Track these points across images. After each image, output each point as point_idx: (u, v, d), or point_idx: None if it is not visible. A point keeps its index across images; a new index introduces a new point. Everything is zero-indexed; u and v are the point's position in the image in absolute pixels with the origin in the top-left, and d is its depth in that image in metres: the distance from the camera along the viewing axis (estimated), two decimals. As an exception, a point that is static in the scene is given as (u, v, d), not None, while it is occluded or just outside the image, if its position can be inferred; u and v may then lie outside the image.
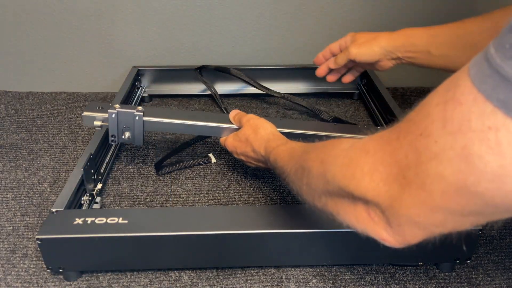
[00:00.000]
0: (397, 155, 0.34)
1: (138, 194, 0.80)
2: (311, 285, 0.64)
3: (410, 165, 0.33)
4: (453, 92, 0.30)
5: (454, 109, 0.30)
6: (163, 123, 0.73)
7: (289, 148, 0.58)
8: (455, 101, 0.30)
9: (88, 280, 0.64)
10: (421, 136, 0.32)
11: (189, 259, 0.63)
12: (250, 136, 0.68)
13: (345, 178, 0.39)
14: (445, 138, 0.30)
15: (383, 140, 0.37)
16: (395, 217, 0.35)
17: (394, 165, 0.35)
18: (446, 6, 1.11)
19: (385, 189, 0.35)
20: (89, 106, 0.74)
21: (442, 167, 0.30)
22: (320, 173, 0.43)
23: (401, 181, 0.34)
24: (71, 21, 1.09)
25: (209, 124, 0.75)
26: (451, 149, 0.30)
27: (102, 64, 1.15)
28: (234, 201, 0.79)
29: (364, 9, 1.11)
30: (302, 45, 1.16)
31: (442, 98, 0.31)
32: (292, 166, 0.52)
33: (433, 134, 0.31)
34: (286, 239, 0.61)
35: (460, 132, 0.29)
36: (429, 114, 0.32)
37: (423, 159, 0.32)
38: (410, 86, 1.23)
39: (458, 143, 0.29)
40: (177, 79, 1.13)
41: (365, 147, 0.38)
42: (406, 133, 0.34)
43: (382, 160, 0.36)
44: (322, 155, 0.44)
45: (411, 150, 0.33)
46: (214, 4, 1.08)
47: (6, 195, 0.80)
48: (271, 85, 1.13)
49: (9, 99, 1.13)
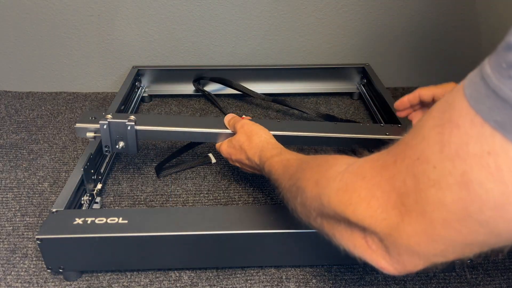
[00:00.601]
0: (395, 181, 0.33)
1: (138, 194, 0.80)
2: (311, 285, 0.64)
3: (409, 191, 0.32)
4: (449, 114, 0.29)
5: (451, 132, 0.29)
6: (156, 132, 0.71)
7: (283, 160, 0.55)
8: (451, 124, 0.29)
9: (88, 280, 0.64)
10: (418, 161, 0.31)
11: (189, 259, 0.63)
12: (244, 144, 0.65)
13: (341, 203, 0.37)
14: (443, 164, 0.29)
15: (379, 164, 0.36)
16: (394, 246, 0.34)
17: (392, 192, 0.33)
18: (446, 5, 1.11)
19: (383, 216, 0.34)
20: (82, 116, 0.72)
21: (442, 194, 0.29)
22: (314, 195, 0.42)
23: (400, 208, 0.32)
24: (71, 21, 1.09)
25: (204, 130, 0.72)
26: (450, 175, 0.28)
27: (102, 64, 1.15)
28: (234, 201, 0.79)
29: (364, 9, 1.11)
30: (302, 45, 1.16)
31: (438, 120, 0.30)
32: (286, 182, 0.50)
33: (430, 159, 0.30)
34: (286, 239, 0.61)
35: (459, 157, 0.28)
36: (425, 137, 0.31)
37: (422, 185, 0.30)
38: (410, 86, 1.23)
39: (457, 169, 0.28)
40: (177, 79, 1.13)
41: (361, 171, 0.37)
42: (403, 157, 0.33)
43: (379, 186, 0.34)
44: (317, 176, 0.43)
45: (409, 176, 0.32)
46: (214, 4, 1.08)
47: (6, 195, 0.80)
48: (271, 85, 1.14)
49: (9, 99, 1.13)
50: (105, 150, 0.71)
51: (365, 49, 1.17)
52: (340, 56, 1.18)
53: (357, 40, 1.16)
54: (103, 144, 0.71)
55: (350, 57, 1.18)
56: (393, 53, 1.18)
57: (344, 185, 0.38)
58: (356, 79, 1.16)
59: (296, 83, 1.15)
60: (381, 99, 1.01)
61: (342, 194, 0.37)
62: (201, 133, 0.72)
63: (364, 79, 1.14)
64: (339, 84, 1.16)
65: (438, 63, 1.21)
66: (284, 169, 0.53)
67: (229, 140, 0.70)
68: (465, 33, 1.16)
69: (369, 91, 1.10)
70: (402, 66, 1.21)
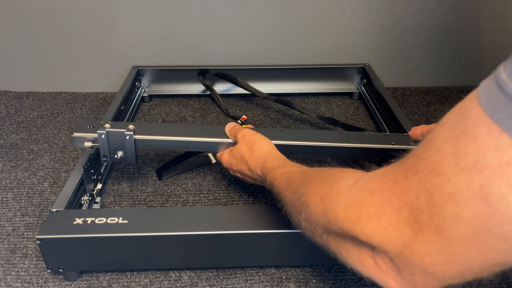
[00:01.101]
0: (406, 196, 0.31)
1: (138, 194, 0.80)
2: (311, 285, 0.64)
3: (422, 207, 0.30)
4: (463, 124, 0.28)
5: (466, 143, 0.27)
6: (156, 141, 0.70)
7: (286, 173, 0.53)
8: (467, 134, 0.27)
9: (88, 280, 0.64)
10: (431, 175, 0.29)
11: (189, 259, 0.63)
12: (246, 154, 0.64)
13: (348, 220, 0.35)
14: (459, 177, 0.27)
15: (389, 179, 0.34)
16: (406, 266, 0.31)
17: (403, 208, 0.31)
18: (446, 5, 1.11)
19: (394, 234, 0.32)
20: (79, 125, 0.71)
21: (459, 209, 0.27)
22: (320, 211, 0.40)
23: (413, 225, 0.30)
24: (71, 21, 1.09)
25: (204, 140, 0.71)
26: (468, 189, 0.27)
27: (102, 64, 1.15)
28: (234, 201, 0.79)
29: (364, 9, 1.11)
30: (302, 45, 1.16)
31: (452, 132, 0.29)
32: (290, 196, 0.48)
33: (445, 172, 0.28)
34: (286, 239, 0.61)
35: (476, 170, 0.26)
36: (438, 150, 0.29)
37: (437, 200, 0.29)
38: (410, 86, 1.23)
39: (475, 182, 0.26)
40: (177, 79, 1.13)
41: (370, 187, 0.35)
42: (414, 171, 0.31)
43: (390, 202, 0.32)
44: (323, 191, 0.41)
45: (422, 191, 0.30)
46: (214, 4, 1.08)
47: (6, 195, 0.80)
48: (271, 85, 1.14)
49: (9, 99, 1.13)
50: (103, 160, 0.70)
51: (365, 49, 1.17)
52: (340, 56, 1.18)
53: (357, 40, 1.16)
54: (101, 154, 0.70)
55: (350, 57, 1.18)
56: (393, 53, 1.18)
57: (352, 201, 0.36)
58: (356, 79, 1.16)
59: (296, 83, 1.15)
60: (381, 99, 1.01)
61: (350, 211, 0.36)
62: (201, 142, 0.71)
63: (364, 79, 1.14)
64: (339, 84, 1.16)
65: (438, 63, 1.21)
66: (287, 182, 0.51)
67: (230, 150, 0.68)
68: (465, 33, 1.16)
69: (369, 91, 1.10)
70: (402, 66, 1.21)
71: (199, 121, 1.03)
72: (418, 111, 1.10)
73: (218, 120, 1.04)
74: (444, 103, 1.14)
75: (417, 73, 1.22)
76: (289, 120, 1.04)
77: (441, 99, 1.16)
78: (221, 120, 1.04)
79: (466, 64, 1.21)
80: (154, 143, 0.70)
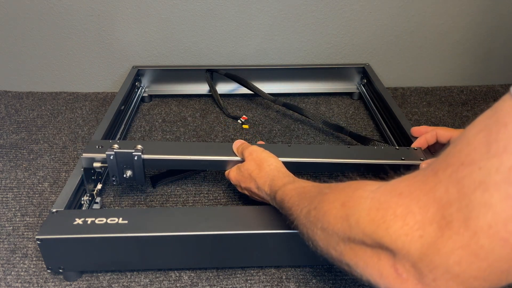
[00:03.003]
0: (435, 191, 0.31)
1: (138, 194, 0.80)
2: (311, 285, 0.64)
3: (451, 200, 0.29)
4: (495, 117, 0.28)
5: (498, 131, 0.27)
6: (164, 160, 0.71)
7: (298, 187, 0.52)
8: (498, 124, 0.27)
9: (88, 280, 0.64)
10: (462, 166, 0.29)
11: (189, 259, 0.63)
12: (254, 172, 0.63)
13: (372, 222, 0.34)
14: (490, 162, 0.27)
15: (418, 179, 0.33)
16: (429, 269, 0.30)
17: (431, 204, 0.31)
18: (446, 5, 1.11)
19: (419, 233, 0.31)
20: (89, 145, 0.72)
21: (488, 195, 0.27)
22: (340, 217, 0.38)
23: (440, 222, 0.30)
24: (71, 21, 1.09)
25: (212, 158, 0.70)
26: (497, 173, 0.26)
27: (102, 64, 1.16)
28: (234, 201, 0.79)
29: (364, 9, 1.11)
30: (302, 45, 1.16)
31: (483, 126, 0.29)
32: (304, 208, 0.46)
33: (476, 160, 0.28)
34: (286, 239, 0.61)
35: (507, 152, 0.26)
36: (470, 142, 0.29)
37: (467, 190, 0.28)
38: (410, 86, 1.23)
39: (505, 164, 0.26)
40: (177, 79, 1.13)
41: (397, 189, 0.34)
42: (445, 166, 0.31)
43: (418, 200, 0.32)
44: (344, 197, 0.39)
45: (452, 183, 0.29)
46: (214, 4, 1.08)
47: (6, 195, 0.80)
48: (271, 85, 1.14)
49: (9, 99, 1.13)
50: (112, 180, 0.71)
51: (365, 49, 1.17)
52: (340, 56, 1.18)
53: (357, 40, 1.16)
54: (111, 175, 0.71)
55: (350, 57, 1.18)
56: (393, 53, 1.18)
57: (377, 203, 0.35)
58: (356, 79, 1.16)
59: (296, 83, 1.15)
60: (381, 99, 1.01)
61: (374, 213, 0.35)
62: (209, 161, 0.71)
63: (364, 79, 1.14)
64: (339, 84, 1.16)
65: (438, 63, 1.21)
66: (301, 196, 0.49)
67: (238, 167, 0.68)
68: (465, 33, 1.16)
69: (369, 91, 1.10)
70: (402, 66, 1.21)
71: (199, 121, 1.03)
72: (418, 111, 1.10)
73: (218, 120, 1.04)
74: (444, 103, 1.14)
75: (417, 73, 1.22)
76: (289, 120, 1.04)
77: (441, 99, 1.16)
78: (221, 120, 1.04)
79: (466, 64, 1.21)
80: (162, 162, 0.71)
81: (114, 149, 0.69)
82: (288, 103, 1.01)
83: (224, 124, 1.02)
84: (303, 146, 0.78)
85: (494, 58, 1.21)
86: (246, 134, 0.99)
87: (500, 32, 1.16)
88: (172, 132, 0.99)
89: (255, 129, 1.01)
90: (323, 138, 0.98)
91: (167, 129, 1.00)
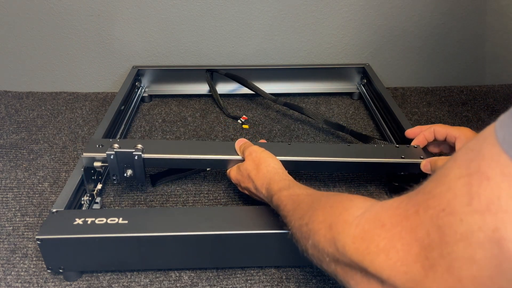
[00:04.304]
0: (417, 232, 0.31)
1: (138, 194, 0.80)
2: (311, 285, 0.64)
3: (433, 244, 0.29)
4: (477, 163, 0.27)
5: (480, 184, 0.27)
6: (164, 159, 0.71)
7: (293, 195, 0.53)
8: (481, 175, 0.27)
9: (88, 280, 0.64)
10: (443, 212, 0.29)
11: (189, 259, 0.63)
12: (252, 173, 0.63)
13: (357, 251, 0.35)
14: (472, 217, 0.27)
15: (399, 212, 0.34)
16: None
17: (414, 243, 0.31)
18: (446, 5, 1.11)
19: (404, 269, 0.31)
20: (89, 145, 0.72)
21: (472, 250, 0.27)
22: (328, 239, 0.39)
23: (423, 262, 0.30)
24: (71, 21, 1.09)
25: (213, 157, 0.70)
26: (481, 231, 0.26)
27: (102, 64, 1.16)
28: (234, 201, 0.79)
29: (364, 9, 1.11)
30: (302, 45, 1.16)
31: (465, 170, 0.28)
32: (296, 221, 0.47)
33: (457, 211, 0.28)
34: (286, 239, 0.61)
35: (489, 212, 0.26)
36: (451, 187, 0.29)
37: (449, 239, 0.28)
38: (410, 86, 1.23)
39: (488, 224, 0.26)
40: (177, 79, 1.13)
41: (380, 219, 0.35)
42: (426, 207, 0.31)
43: (400, 237, 0.32)
44: (331, 219, 0.40)
45: (433, 228, 0.30)
46: (214, 4, 1.08)
47: (6, 195, 0.80)
48: (271, 85, 1.14)
49: (9, 99, 1.13)
50: (113, 179, 0.71)
51: (365, 49, 1.17)
52: (340, 56, 1.18)
53: (357, 40, 1.16)
54: (111, 174, 0.71)
55: (350, 57, 1.18)
56: (393, 53, 1.18)
57: (361, 231, 0.36)
58: (356, 79, 1.16)
59: (296, 83, 1.15)
60: (381, 99, 1.01)
61: (359, 242, 0.35)
62: (210, 160, 0.71)
63: (364, 79, 1.14)
64: (339, 84, 1.16)
65: (438, 63, 1.21)
66: (294, 206, 0.50)
67: (238, 167, 0.68)
68: (465, 33, 1.16)
69: (369, 91, 1.10)
70: (402, 66, 1.21)
71: (199, 121, 1.03)
72: (418, 111, 1.10)
73: (218, 120, 1.04)
74: (444, 103, 1.14)
75: (417, 73, 1.22)
76: (289, 120, 1.04)
77: (441, 99, 1.16)
78: (221, 120, 1.04)
79: (466, 64, 1.21)
80: (163, 161, 0.71)
81: (115, 148, 0.69)
82: (289, 103, 1.01)
83: (224, 124, 1.02)
84: (303, 144, 0.78)
85: (494, 58, 1.21)
86: (246, 134, 0.99)
87: (500, 32, 1.16)
88: (172, 132, 0.99)
89: (255, 129, 1.01)
90: (323, 138, 0.98)
91: (167, 129, 1.00)
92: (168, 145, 0.73)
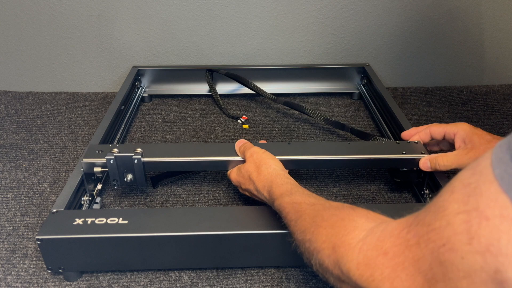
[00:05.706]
0: (420, 264, 0.31)
1: (138, 194, 0.80)
2: (311, 285, 0.64)
3: (437, 279, 0.30)
4: (475, 200, 0.27)
5: (479, 224, 0.27)
6: (164, 162, 0.70)
7: (295, 203, 0.52)
8: (479, 214, 0.27)
9: (88, 280, 0.64)
10: (444, 248, 0.29)
11: (189, 259, 0.63)
12: (253, 174, 0.63)
13: (362, 277, 0.36)
14: (473, 257, 0.27)
15: (400, 242, 0.34)
16: None
17: (418, 275, 0.32)
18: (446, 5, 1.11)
19: None
20: (89, 150, 0.72)
21: None
22: (333, 261, 0.40)
23: None
24: (71, 21, 1.09)
25: (213, 159, 0.70)
26: (483, 271, 0.26)
27: (102, 64, 1.16)
28: (234, 201, 0.79)
29: (364, 9, 1.11)
30: (302, 45, 1.16)
31: (463, 206, 0.28)
32: (299, 234, 0.48)
33: (458, 249, 0.28)
34: (286, 239, 0.61)
35: (490, 254, 0.26)
36: (450, 223, 0.29)
37: (452, 276, 0.29)
38: (410, 86, 1.23)
39: (490, 265, 0.26)
40: (177, 79, 1.13)
41: (383, 246, 0.35)
42: (426, 240, 0.31)
43: (404, 267, 0.33)
44: (334, 240, 0.41)
45: (435, 263, 0.30)
46: (214, 4, 1.08)
47: (6, 195, 0.80)
48: (271, 85, 1.14)
49: (9, 99, 1.13)
50: (113, 184, 0.71)
51: (365, 49, 1.17)
52: (340, 56, 1.18)
53: (357, 40, 1.16)
54: (111, 179, 0.71)
55: (350, 57, 1.18)
56: (393, 53, 1.18)
57: (365, 258, 0.36)
58: (356, 79, 1.16)
59: (296, 83, 1.15)
60: (381, 99, 1.01)
61: (363, 269, 0.36)
62: (210, 162, 0.70)
63: (364, 79, 1.14)
64: (339, 84, 1.16)
65: (438, 63, 1.21)
66: (296, 216, 0.50)
67: (238, 168, 0.68)
68: (466, 33, 1.16)
69: (369, 91, 1.10)
70: (402, 66, 1.21)
71: (199, 121, 1.03)
72: (418, 111, 1.10)
73: (218, 120, 1.04)
74: (444, 103, 1.14)
75: (417, 73, 1.22)
76: (289, 120, 1.04)
77: (441, 99, 1.16)
78: (221, 120, 1.04)
79: (466, 64, 1.21)
80: (163, 164, 0.71)
81: (114, 153, 0.69)
82: (289, 102, 1.01)
83: (224, 124, 1.02)
84: (303, 143, 0.78)
85: (494, 58, 1.21)
86: (246, 134, 0.99)
87: (500, 32, 1.16)
88: (172, 132, 0.99)
89: (255, 129, 1.01)
90: (323, 137, 0.98)
91: (167, 129, 1.00)
92: (167, 148, 0.73)
